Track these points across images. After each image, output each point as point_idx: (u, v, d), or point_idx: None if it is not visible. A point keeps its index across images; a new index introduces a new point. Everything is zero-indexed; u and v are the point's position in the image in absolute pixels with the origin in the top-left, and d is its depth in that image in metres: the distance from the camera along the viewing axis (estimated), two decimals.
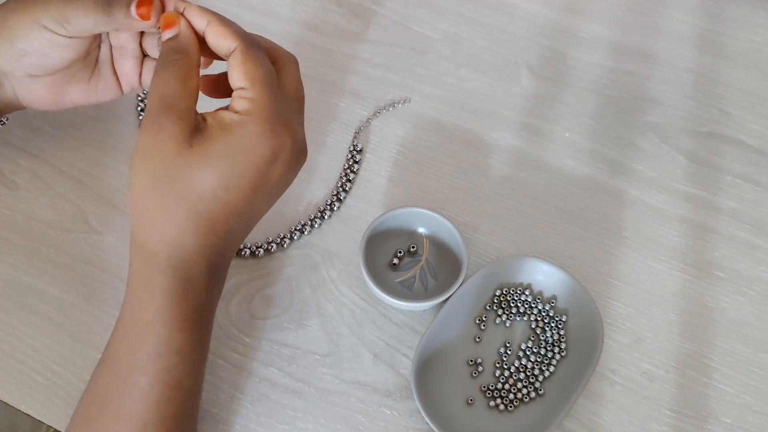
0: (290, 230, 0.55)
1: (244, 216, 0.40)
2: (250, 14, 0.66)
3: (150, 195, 0.37)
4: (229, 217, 0.38)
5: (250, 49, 0.39)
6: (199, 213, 0.37)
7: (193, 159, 0.37)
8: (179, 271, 0.38)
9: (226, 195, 0.38)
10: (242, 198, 0.38)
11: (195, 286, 0.39)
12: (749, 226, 0.57)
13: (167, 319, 0.38)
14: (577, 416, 0.48)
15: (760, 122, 0.63)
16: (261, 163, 0.38)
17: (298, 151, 0.40)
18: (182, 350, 0.39)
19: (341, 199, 0.56)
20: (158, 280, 0.38)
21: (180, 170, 0.37)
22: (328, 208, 0.56)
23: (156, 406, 0.39)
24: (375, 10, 0.68)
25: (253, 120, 0.37)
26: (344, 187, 0.57)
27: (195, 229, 0.38)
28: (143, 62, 0.48)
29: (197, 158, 0.37)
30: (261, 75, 0.38)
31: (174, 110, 0.37)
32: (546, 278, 0.51)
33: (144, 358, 0.39)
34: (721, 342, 0.52)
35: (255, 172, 0.38)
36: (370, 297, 0.52)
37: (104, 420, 0.39)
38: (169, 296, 0.38)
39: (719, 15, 0.70)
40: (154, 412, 0.39)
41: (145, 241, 0.38)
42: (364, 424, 0.47)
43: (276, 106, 0.38)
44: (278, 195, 0.42)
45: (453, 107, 0.62)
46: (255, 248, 0.53)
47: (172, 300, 0.38)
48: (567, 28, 0.68)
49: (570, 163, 0.60)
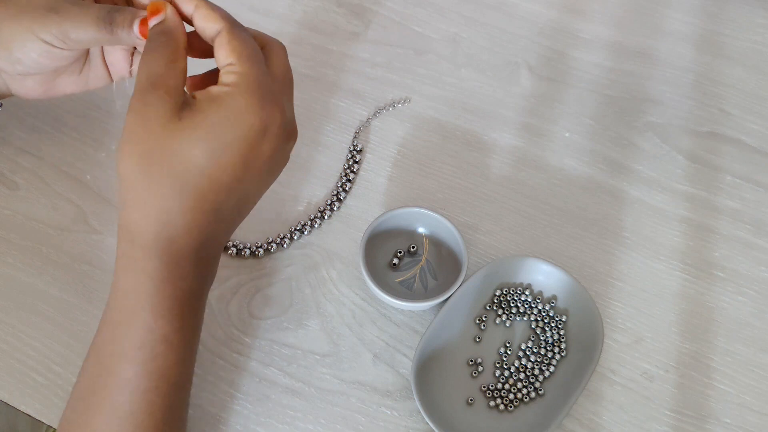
0: (290, 230, 0.55)
1: (234, 194, 0.38)
2: (250, 14, 0.67)
3: (136, 172, 0.36)
4: (218, 194, 0.37)
5: (236, 29, 0.39)
6: (187, 188, 0.36)
7: (179, 132, 0.36)
8: (166, 253, 0.37)
9: (215, 169, 0.36)
10: (231, 173, 0.37)
11: (183, 271, 0.38)
12: (749, 226, 0.57)
13: (153, 305, 0.37)
14: (577, 416, 0.48)
15: (760, 122, 0.63)
16: (250, 136, 0.37)
17: (288, 130, 0.39)
18: (168, 339, 0.38)
19: (341, 199, 0.56)
20: (144, 264, 0.37)
21: (166, 144, 0.35)
22: (328, 208, 0.56)
23: (142, 396, 0.38)
24: (375, 10, 0.68)
25: (241, 91, 0.37)
26: (344, 187, 0.57)
27: (181, 206, 0.36)
28: (133, 54, 0.47)
29: (184, 131, 0.36)
30: (248, 52, 0.38)
31: (161, 87, 0.36)
32: (546, 278, 0.51)
33: (129, 346, 0.37)
34: (721, 342, 0.52)
35: (244, 144, 0.37)
36: (370, 297, 0.52)
37: (91, 411, 0.38)
38: (155, 281, 0.37)
39: (719, 15, 0.70)
40: (141, 402, 0.38)
41: (130, 222, 0.37)
42: (364, 424, 0.47)
43: (264, 81, 0.38)
44: (270, 176, 0.41)
45: (453, 107, 0.62)
46: (255, 248, 0.53)
47: (158, 285, 0.37)
48: (567, 28, 0.68)
49: (570, 163, 0.60)
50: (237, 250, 0.53)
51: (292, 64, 0.42)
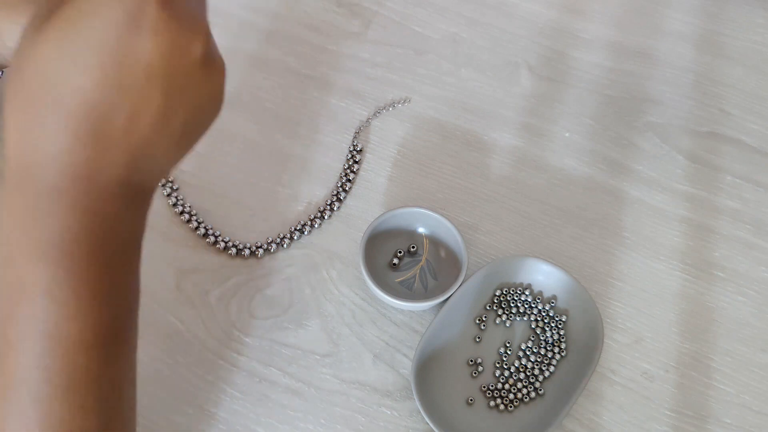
0: (290, 230, 0.55)
1: (116, 111, 0.31)
2: (250, 14, 0.66)
3: (8, 98, 0.31)
4: (87, 109, 0.30)
5: None
6: (45, 104, 0.30)
7: (40, 45, 0.30)
8: (27, 184, 0.31)
9: (73, 76, 0.30)
10: (96, 80, 0.30)
11: (54, 208, 0.31)
12: (749, 226, 0.57)
13: (22, 250, 0.31)
14: (577, 416, 0.48)
15: (760, 122, 0.63)
16: (112, 30, 0.29)
17: (172, 24, 0.31)
18: (51, 291, 0.32)
19: (341, 199, 0.56)
20: (8, 200, 0.32)
21: (26, 55, 0.30)
22: (328, 208, 0.56)
23: (35, 360, 0.32)
24: (375, 10, 0.68)
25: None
26: (344, 187, 0.57)
27: (42, 126, 0.30)
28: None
29: (43, 41, 0.30)
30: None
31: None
32: (546, 278, 0.51)
33: (6, 302, 0.32)
34: (721, 342, 0.52)
35: (106, 44, 0.30)
36: (370, 297, 0.52)
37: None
38: (19, 219, 0.31)
39: (719, 15, 0.70)
40: (31, 367, 0.32)
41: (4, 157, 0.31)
42: (364, 424, 0.47)
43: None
44: (179, 95, 0.33)
45: (453, 107, 0.62)
46: (255, 248, 0.53)
47: (23, 224, 0.31)
48: (567, 28, 0.68)
49: (570, 163, 0.60)
50: (237, 250, 0.53)
51: (293, 64, 0.42)
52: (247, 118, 0.61)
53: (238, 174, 0.58)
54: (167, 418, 0.47)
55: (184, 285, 0.52)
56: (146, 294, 0.52)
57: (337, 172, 0.58)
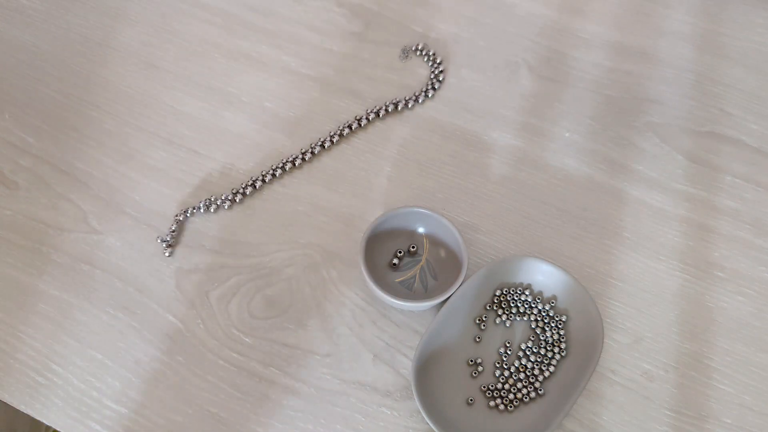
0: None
1: None
2: (250, 14, 0.66)
3: None
4: None
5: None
6: None
7: None
8: None
9: None
10: None
11: None
12: (749, 226, 0.57)
13: None
14: (577, 416, 0.48)
15: (760, 122, 0.63)
16: None
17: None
18: None
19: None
20: None
21: None
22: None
23: None
24: (375, 10, 0.68)
25: None
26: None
27: None
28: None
29: None
30: None
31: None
32: (546, 278, 0.51)
33: None
34: (721, 342, 0.52)
35: None
36: (370, 297, 0.52)
37: None
38: None
39: (719, 15, 0.70)
40: None
41: None
42: (364, 424, 0.48)
43: None
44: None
45: (453, 107, 0.62)
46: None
47: None
48: (567, 28, 0.68)
49: (570, 163, 0.60)
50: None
51: (293, 64, 0.42)
52: (247, 118, 0.61)
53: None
54: (167, 418, 0.47)
55: (184, 285, 0.52)
56: (146, 294, 0.52)
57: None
